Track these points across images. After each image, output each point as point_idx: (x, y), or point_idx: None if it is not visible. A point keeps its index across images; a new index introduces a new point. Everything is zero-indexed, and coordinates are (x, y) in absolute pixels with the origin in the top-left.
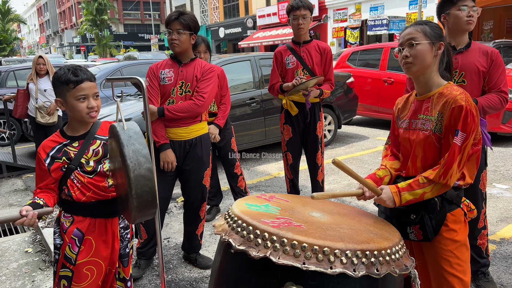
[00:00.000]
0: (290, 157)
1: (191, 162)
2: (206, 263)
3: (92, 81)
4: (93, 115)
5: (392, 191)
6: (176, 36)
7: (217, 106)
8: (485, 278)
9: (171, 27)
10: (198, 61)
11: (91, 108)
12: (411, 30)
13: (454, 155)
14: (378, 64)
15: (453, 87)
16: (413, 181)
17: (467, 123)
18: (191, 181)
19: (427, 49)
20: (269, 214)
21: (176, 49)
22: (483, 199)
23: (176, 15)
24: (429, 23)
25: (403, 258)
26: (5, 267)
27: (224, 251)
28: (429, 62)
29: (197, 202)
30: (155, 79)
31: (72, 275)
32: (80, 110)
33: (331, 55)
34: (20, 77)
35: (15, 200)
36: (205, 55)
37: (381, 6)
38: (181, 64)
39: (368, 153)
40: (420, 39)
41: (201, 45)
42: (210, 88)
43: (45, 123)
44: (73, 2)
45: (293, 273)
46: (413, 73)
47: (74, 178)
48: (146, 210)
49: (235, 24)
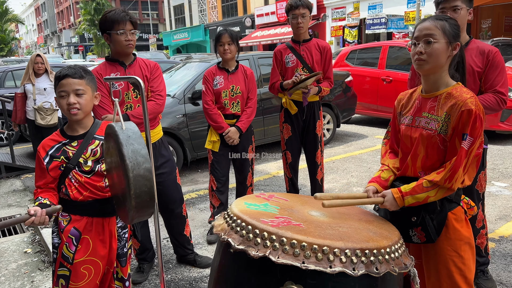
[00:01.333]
0: (290, 156)
1: (163, 164)
2: (206, 262)
3: (76, 78)
4: (73, 112)
5: (395, 196)
6: (131, 36)
7: (241, 109)
8: (484, 276)
9: (125, 27)
10: (139, 59)
11: (69, 105)
12: (430, 25)
13: (461, 159)
14: (377, 63)
15: (462, 89)
16: (417, 185)
17: (476, 128)
18: (168, 181)
19: (443, 48)
20: (268, 213)
21: (131, 50)
22: (479, 200)
23: (127, 15)
24: (449, 20)
25: (402, 256)
26: (4, 267)
27: (223, 251)
28: (442, 62)
29: (177, 202)
30: (102, 86)
31: (70, 274)
32: (61, 106)
33: (330, 53)
34: (18, 77)
35: (14, 200)
36: (230, 47)
37: (379, 4)
38: (126, 66)
39: (367, 151)
40: (438, 37)
41: (224, 36)
42: (163, 84)
43: (45, 125)
44: (71, 2)
45: (293, 272)
46: (425, 70)
47: (72, 177)
48: (144, 210)
49: (233, 23)
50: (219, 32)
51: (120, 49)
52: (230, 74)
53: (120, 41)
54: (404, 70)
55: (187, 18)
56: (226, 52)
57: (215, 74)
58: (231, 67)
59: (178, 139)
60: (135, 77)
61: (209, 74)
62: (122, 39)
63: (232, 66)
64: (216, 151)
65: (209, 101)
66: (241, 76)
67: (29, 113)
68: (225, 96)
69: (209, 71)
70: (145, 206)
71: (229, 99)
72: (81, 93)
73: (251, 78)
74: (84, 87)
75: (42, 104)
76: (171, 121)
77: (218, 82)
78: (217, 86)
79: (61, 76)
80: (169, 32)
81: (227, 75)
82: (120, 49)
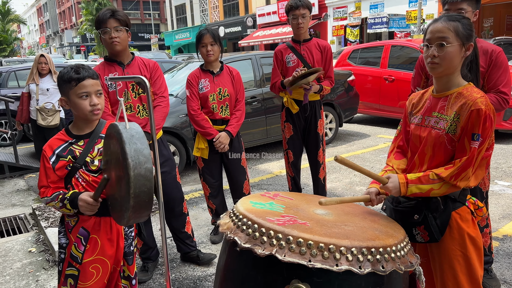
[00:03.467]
0: (291, 155)
1: (163, 163)
2: (209, 257)
3: (95, 78)
4: (96, 113)
5: (400, 181)
6: (115, 33)
7: (230, 112)
8: (488, 274)
9: (107, 26)
10: (137, 59)
11: (93, 106)
12: (442, 27)
13: (472, 159)
14: (379, 62)
15: (473, 88)
16: (423, 175)
17: (486, 128)
18: (168, 180)
19: (457, 51)
20: (274, 212)
21: (118, 47)
22: (483, 198)
23: (110, 13)
24: (462, 20)
25: (408, 255)
26: (9, 266)
27: (230, 249)
28: (456, 65)
29: (177, 200)
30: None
31: (78, 274)
32: (83, 107)
33: (331, 52)
34: (21, 77)
35: (18, 200)
36: (213, 48)
37: (381, 4)
38: (124, 66)
39: (370, 151)
40: (451, 40)
41: (206, 36)
42: (164, 84)
43: (46, 126)
44: (72, 2)
45: (299, 271)
46: (438, 73)
47: (79, 176)
48: (141, 211)
49: (235, 23)
50: (200, 32)
51: (107, 48)
52: (216, 76)
53: (104, 40)
54: (406, 69)
55: (189, 18)
56: (209, 54)
57: (200, 77)
58: (215, 69)
59: (181, 139)
60: (140, 77)
61: (192, 77)
62: (106, 37)
63: (216, 68)
64: (206, 158)
65: (194, 106)
66: (227, 78)
67: (32, 113)
68: (212, 100)
69: (192, 75)
70: (142, 207)
71: (217, 103)
72: (100, 93)
73: (238, 79)
74: (100, 88)
75: (44, 104)
76: (174, 120)
77: (203, 86)
78: (203, 90)
79: (81, 77)
80: (170, 32)
81: (212, 77)
82: (107, 47)
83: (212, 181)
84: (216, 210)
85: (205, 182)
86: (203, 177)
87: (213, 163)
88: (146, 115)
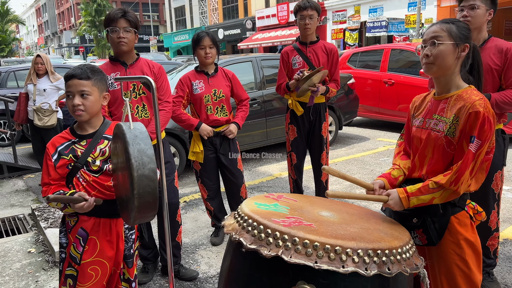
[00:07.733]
0: (295, 157)
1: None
2: (190, 275)
3: (82, 79)
4: (78, 114)
5: (400, 196)
6: (124, 34)
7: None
8: (489, 278)
9: (116, 25)
10: (142, 60)
11: (73, 106)
12: (436, 28)
13: (467, 162)
14: (379, 66)
15: (473, 91)
16: (423, 186)
17: (484, 130)
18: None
19: (449, 50)
20: (279, 214)
21: (124, 48)
22: (495, 200)
23: (121, 13)
24: (457, 23)
25: (413, 257)
26: (8, 267)
27: (234, 250)
28: (450, 64)
29: (172, 207)
30: None
31: (77, 275)
32: (68, 106)
33: (337, 55)
34: (20, 77)
35: (17, 200)
36: (211, 51)
37: (380, 8)
38: (127, 66)
39: (369, 154)
40: (443, 38)
41: (205, 39)
42: (169, 89)
43: (42, 126)
44: (71, 3)
45: (305, 272)
46: (433, 73)
47: (80, 176)
48: (146, 211)
49: (234, 25)
50: (198, 34)
51: (113, 47)
52: (210, 77)
53: (112, 39)
54: (406, 73)
55: (188, 20)
56: (208, 56)
57: (193, 79)
58: (210, 70)
59: (181, 140)
60: (146, 77)
61: (185, 79)
62: (114, 37)
63: (211, 69)
64: (201, 162)
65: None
66: (222, 80)
67: (30, 113)
68: (207, 101)
69: (185, 77)
70: (148, 207)
71: (212, 104)
72: (86, 94)
73: (235, 80)
74: (90, 88)
75: (40, 105)
76: (174, 122)
77: (198, 87)
78: (197, 91)
79: (68, 76)
80: (169, 34)
81: (207, 78)
82: (113, 46)
83: (210, 184)
84: (214, 212)
85: (202, 184)
86: (201, 179)
87: (210, 166)
88: (145, 117)
